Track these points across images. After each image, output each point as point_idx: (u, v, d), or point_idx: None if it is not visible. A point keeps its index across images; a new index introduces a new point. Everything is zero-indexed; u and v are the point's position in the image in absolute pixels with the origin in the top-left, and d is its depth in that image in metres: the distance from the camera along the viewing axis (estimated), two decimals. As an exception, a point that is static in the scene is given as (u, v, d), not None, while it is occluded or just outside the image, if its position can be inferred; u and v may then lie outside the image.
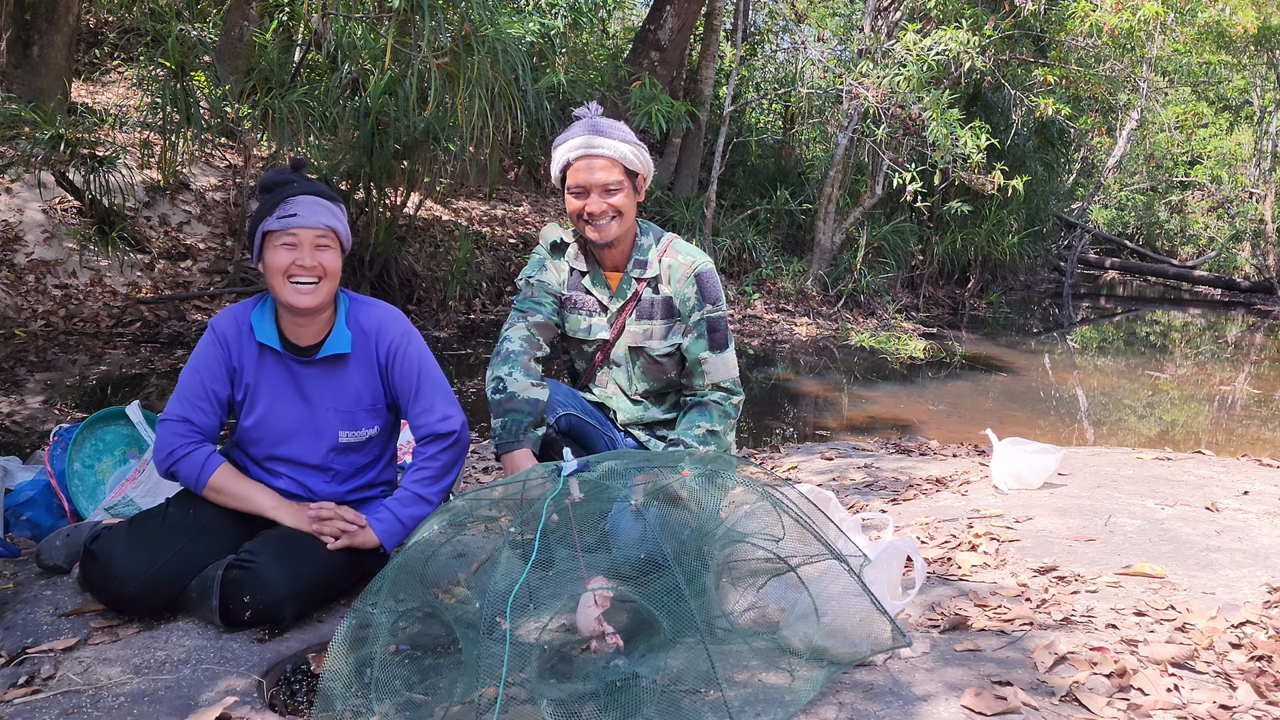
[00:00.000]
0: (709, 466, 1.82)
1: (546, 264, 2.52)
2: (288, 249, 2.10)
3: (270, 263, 2.12)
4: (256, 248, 2.16)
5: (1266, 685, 1.62)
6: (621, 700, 1.54)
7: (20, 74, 7.40)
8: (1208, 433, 6.15)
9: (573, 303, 2.51)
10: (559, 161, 2.41)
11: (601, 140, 2.35)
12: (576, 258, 2.51)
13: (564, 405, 2.41)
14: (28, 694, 1.76)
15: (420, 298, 7.88)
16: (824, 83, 9.96)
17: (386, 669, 1.66)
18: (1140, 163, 21.65)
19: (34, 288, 6.45)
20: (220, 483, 2.16)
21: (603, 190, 2.36)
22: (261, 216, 2.13)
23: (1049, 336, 11.13)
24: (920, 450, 4.22)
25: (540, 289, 2.48)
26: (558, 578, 1.66)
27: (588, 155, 2.36)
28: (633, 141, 2.40)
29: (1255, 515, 2.72)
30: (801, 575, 1.83)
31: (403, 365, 2.24)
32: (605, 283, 2.50)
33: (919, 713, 1.59)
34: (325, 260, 2.13)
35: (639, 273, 2.46)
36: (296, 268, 2.10)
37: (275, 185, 2.16)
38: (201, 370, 2.20)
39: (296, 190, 2.14)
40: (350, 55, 7.27)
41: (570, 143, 2.38)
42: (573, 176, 2.38)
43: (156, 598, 2.03)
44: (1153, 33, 10.87)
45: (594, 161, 2.36)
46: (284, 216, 2.10)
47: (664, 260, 2.47)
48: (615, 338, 2.49)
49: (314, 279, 2.12)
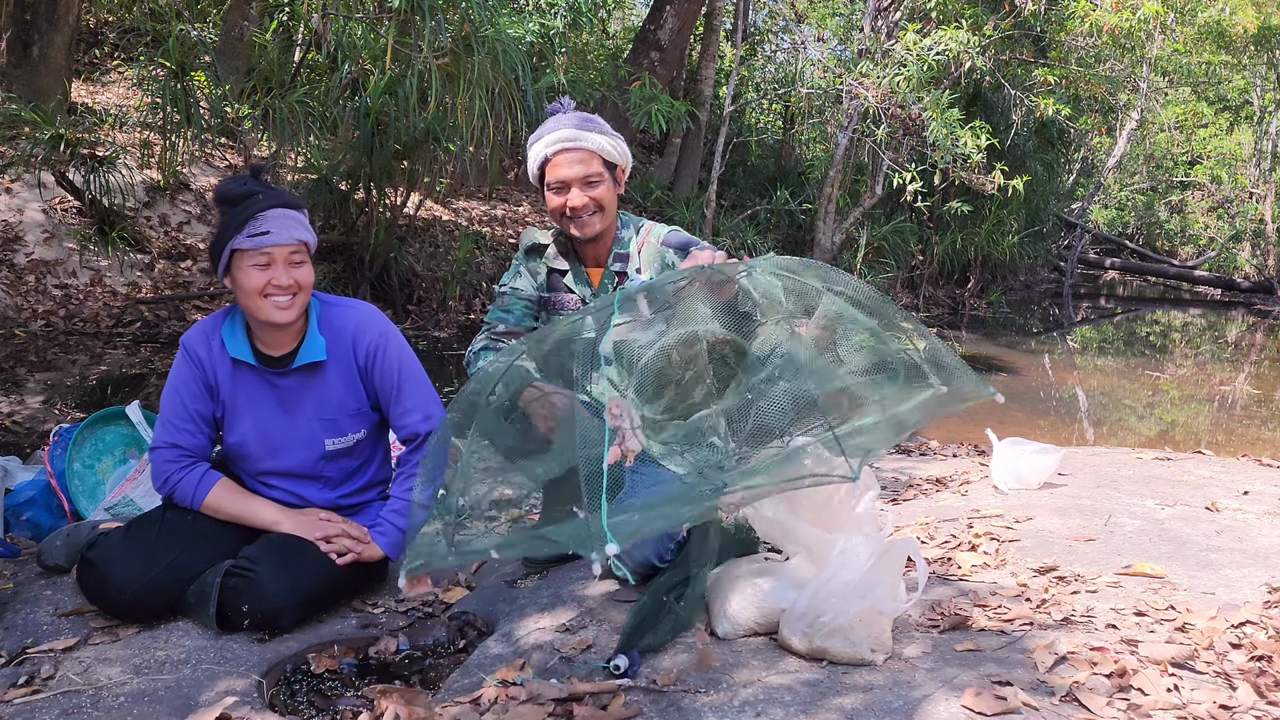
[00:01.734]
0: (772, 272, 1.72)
1: (522, 270, 2.47)
2: (261, 269, 2.01)
3: (243, 283, 2.03)
4: (224, 265, 2.05)
5: (1266, 685, 1.62)
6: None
7: (20, 74, 7.40)
8: (1208, 433, 6.15)
9: (553, 304, 2.45)
10: (536, 158, 2.35)
11: (578, 133, 2.31)
12: (556, 258, 2.46)
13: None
14: (28, 694, 1.76)
15: (420, 298, 7.88)
16: (824, 83, 9.95)
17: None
18: (1140, 163, 21.65)
19: (34, 288, 6.45)
20: (217, 501, 2.13)
21: (583, 183, 2.30)
22: (230, 234, 2.01)
23: (1049, 336, 11.14)
24: (920, 450, 4.22)
25: (512, 297, 2.44)
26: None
27: (565, 149, 2.30)
28: (609, 133, 2.36)
29: (1255, 515, 2.72)
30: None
31: (383, 366, 2.19)
32: (587, 280, 2.44)
33: (919, 713, 1.59)
34: (300, 276, 2.05)
35: (620, 266, 2.41)
36: (273, 287, 2.02)
37: (238, 198, 2.03)
38: (181, 391, 2.15)
39: (264, 204, 2.01)
40: (350, 55, 7.27)
41: (546, 138, 2.32)
42: (552, 172, 2.32)
43: (153, 604, 2.01)
44: (1153, 33, 10.87)
45: (572, 155, 2.30)
46: (255, 235, 1.99)
47: (641, 251, 2.41)
48: (599, 337, 2.45)
49: (290, 295, 2.05)
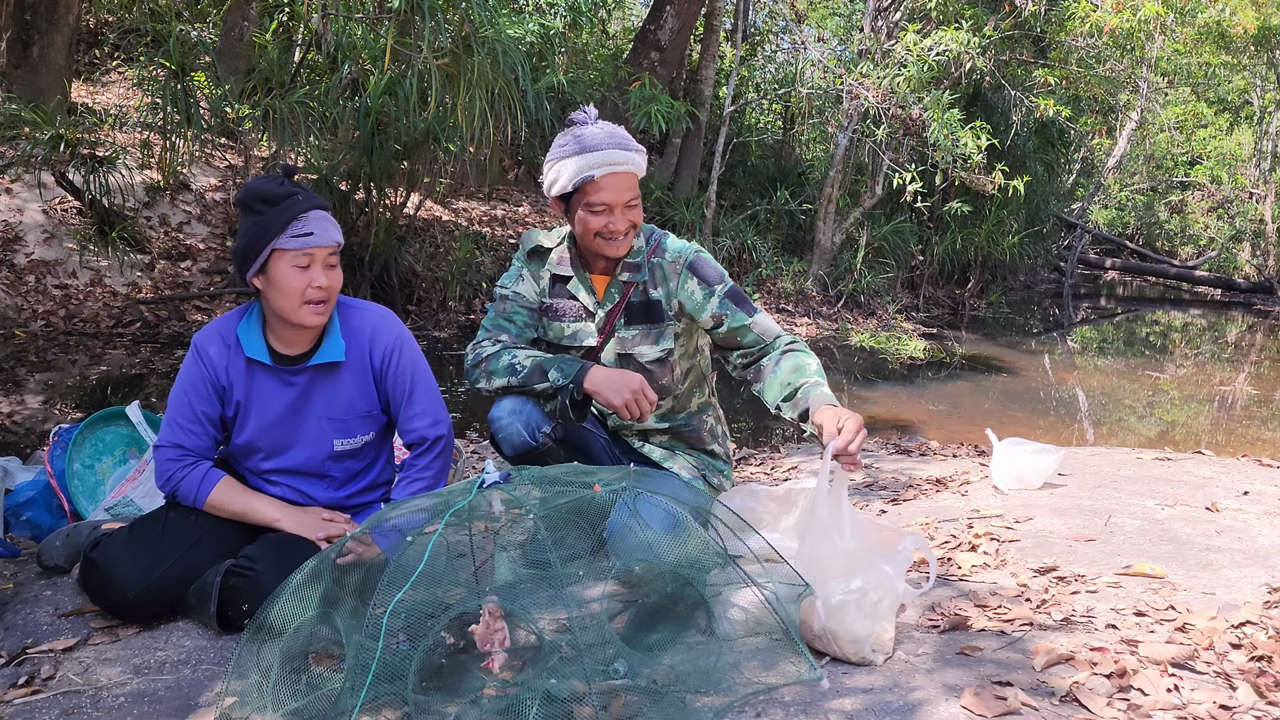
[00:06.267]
0: (624, 484, 1.71)
1: (524, 274, 2.42)
2: (300, 270, 2.02)
3: (281, 283, 2.02)
4: (259, 264, 2.03)
5: (1266, 685, 1.62)
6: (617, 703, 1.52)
7: (20, 74, 7.41)
8: (1208, 433, 6.15)
9: (554, 310, 2.40)
10: (574, 176, 2.22)
11: (625, 155, 2.23)
12: (560, 263, 2.40)
13: None
14: (28, 694, 1.76)
15: (420, 298, 7.88)
16: (824, 83, 9.96)
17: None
18: (1140, 163, 21.66)
19: (34, 288, 6.45)
20: (219, 500, 2.13)
21: (626, 206, 2.25)
22: (273, 234, 2.00)
23: (1049, 337, 11.14)
24: (920, 450, 4.22)
25: (515, 304, 2.39)
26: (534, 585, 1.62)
27: (614, 173, 2.21)
28: (639, 148, 2.31)
29: (1255, 515, 2.72)
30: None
31: (397, 370, 2.20)
32: (591, 287, 2.37)
33: (919, 713, 1.59)
34: (334, 279, 2.07)
35: (628, 276, 2.34)
36: (314, 290, 2.03)
37: (278, 198, 2.03)
38: (189, 392, 2.15)
39: (304, 205, 2.03)
40: (350, 55, 7.27)
41: (589, 156, 2.21)
42: (595, 194, 2.22)
43: (156, 604, 2.02)
44: (1153, 33, 10.87)
45: (620, 179, 2.22)
46: (300, 235, 2.00)
47: (652, 260, 2.35)
48: (603, 343, 2.38)
49: (325, 299, 2.07)
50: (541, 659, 1.58)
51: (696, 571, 1.74)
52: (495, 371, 2.29)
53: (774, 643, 1.72)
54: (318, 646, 1.68)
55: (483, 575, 1.72)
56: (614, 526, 1.78)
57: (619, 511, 1.75)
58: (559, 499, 1.62)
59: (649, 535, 1.77)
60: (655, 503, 1.79)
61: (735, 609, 1.78)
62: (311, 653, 1.68)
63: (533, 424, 2.26)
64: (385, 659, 1.45)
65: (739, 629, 1.76)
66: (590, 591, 1.67)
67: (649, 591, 1.78)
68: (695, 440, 2.50)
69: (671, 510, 1.80)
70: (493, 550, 1.71)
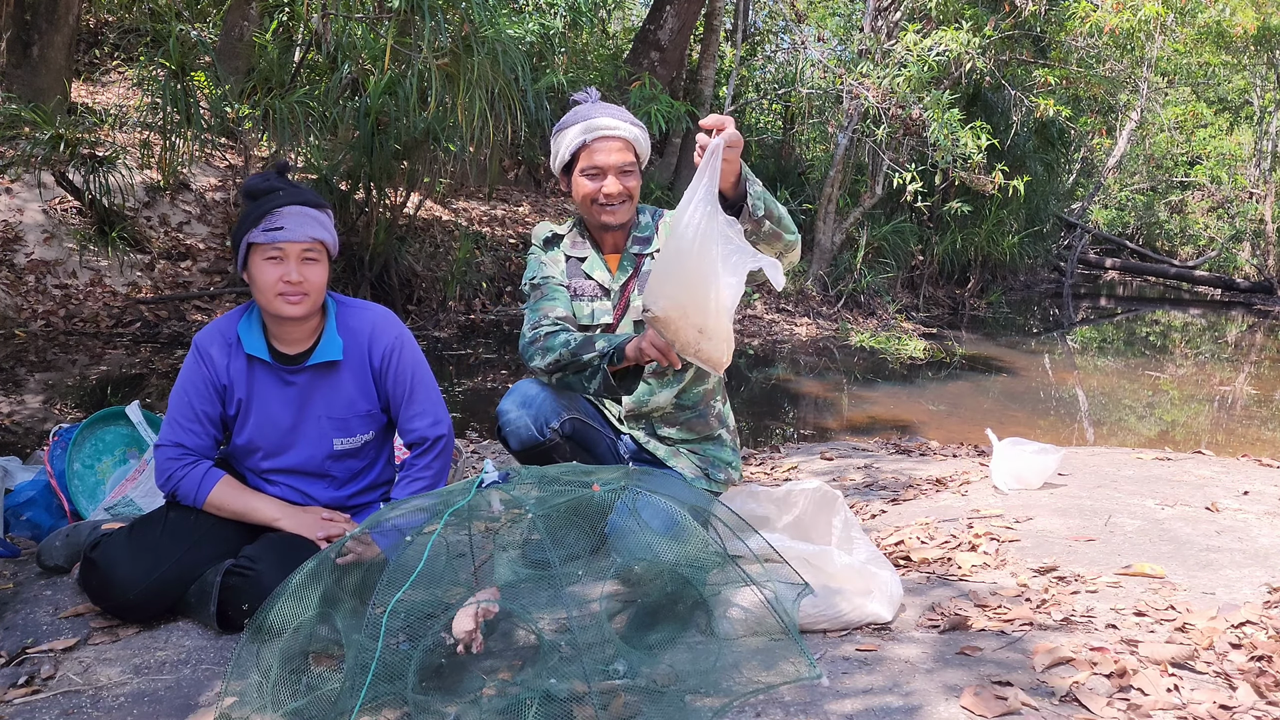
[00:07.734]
0: (623, 483, 1.72)
1: (544, 259, 2.48)
2: (273, 263, 2.05)
3: (256, 276, 2.07)
4: (241, 258, 2.10)
5: (1266, 685, 1.62)
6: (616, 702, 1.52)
7: (20, 74, 7.41)
8: (1208, 433, 6.15)
9: (574, 291, 2.48)
10: (570, 144, 2.33)
11: (615, 122, 2.32)
12: (573, 246, 2.48)
13: (567, 409, 2.35)
14: (28, 694, 1.76)
15: (420, 298, 7.88)
16: (824, 83, 9.96)
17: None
18: (1140, 163, 21.65)
19: (34, 288, 6.45)
20: (219, 499, 2.14)
21: (619, 172, 2.33)
22: (246, 227, 2.06)
23: (1049, 337, 11.14)
24: (920, 450, 4.22)
25: (550, 285, 2.43)
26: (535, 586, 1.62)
27: (605, 137, 2.31)
28: (640, 125, 2.40)
29: (1255, 515, 2.72)
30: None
31: (397, 370, 2.21)
32: (605, 265, 2.46)
33: (919, 713, 1.59)
34: (311, 275, 2.07)
35: (639, 249, 2.44)
36: (283, 284, 2.05)
37: (260, 193, 2.08)
38: (190, 392, 2.16)
39: (283, 200, 2.06)
40: (350, 55, 7.27)
41: (583, 124, 2.32)
42: (587, 158, 2.32)
43: (156, 604, 2.02)
44: (1153, 33, 10.86)
45: (610, 143, 2.31)
46: (270, 229, 2.03)
47: (660, 232, 2.45)
48: (619, 319, 2.46)
49: (302, 293, 2.08)
50: (541, 659, 1.58)
51: (696, 571, 1.75)
52: (551, 347, 2.30)
53: (774, 643, 1.72)
54: (317, 646, 1.68)
55: (482, 575, 1.72)
56: (614, 526, 1.78)
57: (619, 511, 1.75)
58: (558, 498, 1.62)
59: (648, 535, 1.77)
60: (655, 503, 1.79)
61: (735, 609, 1.78)
62: (311, 653, 1.68)
63: (541, 419, 2.28)
64: (385, 659, 1.45)
65: (739, 629, 1.76)
66: (590, 591, 1.67)
67: (648, 591, 1.78)
68: (703, 427, 2.52)
69: (670, 510, 1.81)
70: (492, 550, 1.71)
